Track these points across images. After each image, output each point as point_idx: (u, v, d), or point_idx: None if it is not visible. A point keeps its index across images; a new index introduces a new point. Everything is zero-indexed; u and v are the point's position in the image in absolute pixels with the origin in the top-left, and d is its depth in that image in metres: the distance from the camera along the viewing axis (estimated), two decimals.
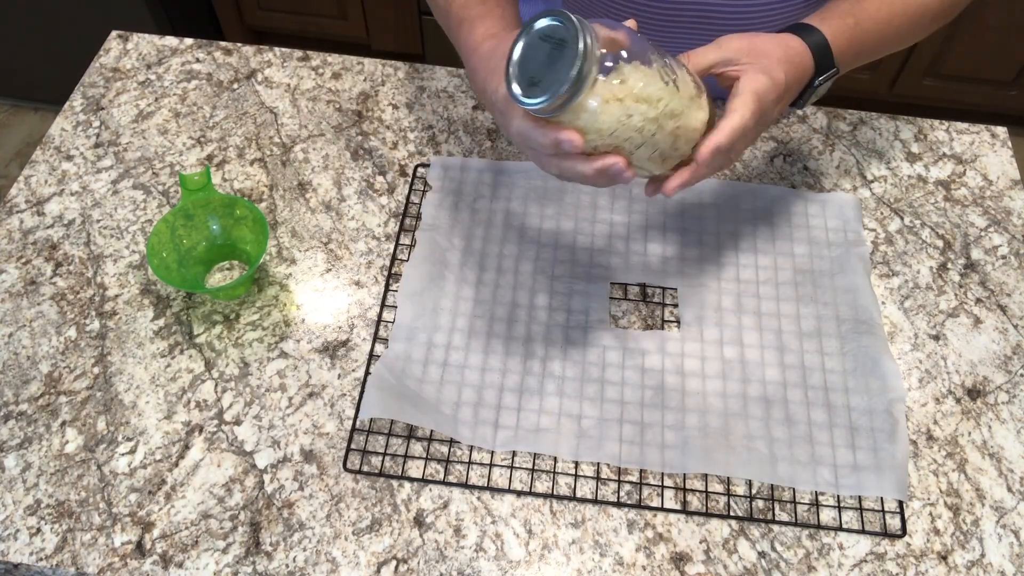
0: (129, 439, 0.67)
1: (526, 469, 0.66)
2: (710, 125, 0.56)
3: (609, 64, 0.50)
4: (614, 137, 0.52)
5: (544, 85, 0.49)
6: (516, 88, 0.51)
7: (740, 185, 0.81)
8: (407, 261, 0.75)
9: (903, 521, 0.64)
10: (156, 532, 0.62)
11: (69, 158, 0.84)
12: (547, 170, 0.55)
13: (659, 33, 0.76)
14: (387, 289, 0.75)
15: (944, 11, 0.70)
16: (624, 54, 0.50)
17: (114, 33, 0.95)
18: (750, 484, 0.65)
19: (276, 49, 0.93)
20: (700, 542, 0.63)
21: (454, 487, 0.65)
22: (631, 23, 0.54)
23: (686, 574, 0.61)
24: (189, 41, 0.94)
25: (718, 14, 0.72)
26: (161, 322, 0.73)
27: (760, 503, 0.64)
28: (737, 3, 0.71)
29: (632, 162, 0.54)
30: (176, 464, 0.66)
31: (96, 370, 0.70)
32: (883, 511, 0.64)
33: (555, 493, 0.64)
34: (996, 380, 0.71)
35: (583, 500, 0.64)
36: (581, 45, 0.48)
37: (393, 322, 0.72)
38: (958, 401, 0.70)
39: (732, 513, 0.64)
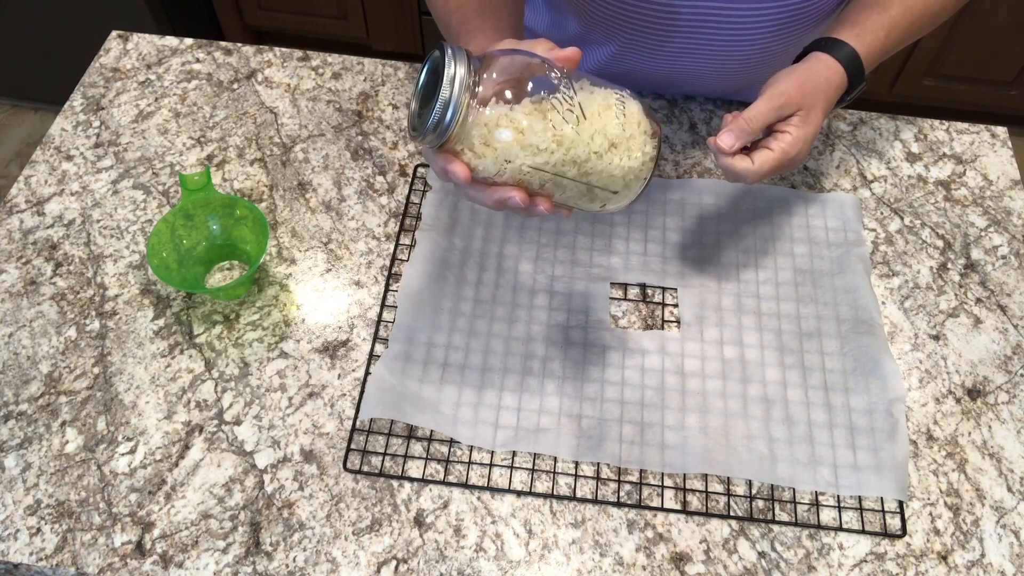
0: (129, 439, 0.67)
1: (526, 469, 0.66)
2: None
3: (488, 111, 0.48)
4: (504, 178, 0.50)
5: (421, 123, 0.49)
6: (409, 122, 0.51)
7: (740, 185, 0.81)
8: (407, 261, 0.75)
9: (903, 521, 0.64)
10: (156, 532, 0.62)
11: (69, 158, 0.84)
12: (462, 195, 0.55)
13: (656, 39, 0.76)
14: (387, 289, 0.75)
15: (959, 2, 0.71)
16: (509, 95, 0.49)
17: (114, 33, 0.95)
18: (750, 484, 0.65)
19: (276, 49, 0.93)
20: (700, 542, 0.63)
21: (454, 487, 0.65)
22: (568, 52, 0.52)
23: (686, 574, 0.61)
24: (189, 41, 0.94)
25: (715, 18, 0.72)
26: (161, 322, 0.73)
27: (760, 503, 0.64)
28: (734, 7, 0.71)
29: (554, 199, 0.53)
30: (176, 464, 0.66)
31: (96, 370, 0.70)
32: (883, 511, 0.64)
33: (555, 493, 0.65)
34: (996, 380, 0.71)
35: (583, 500, 0.64)
36: (445, 93, 0.47)
37: (393, 322, 0.72)
38: (958, 401, 0.70)
39: (732, 513, 0.64)
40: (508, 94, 0.49)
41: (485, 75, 0.49)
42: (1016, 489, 0.66)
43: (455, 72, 0.47)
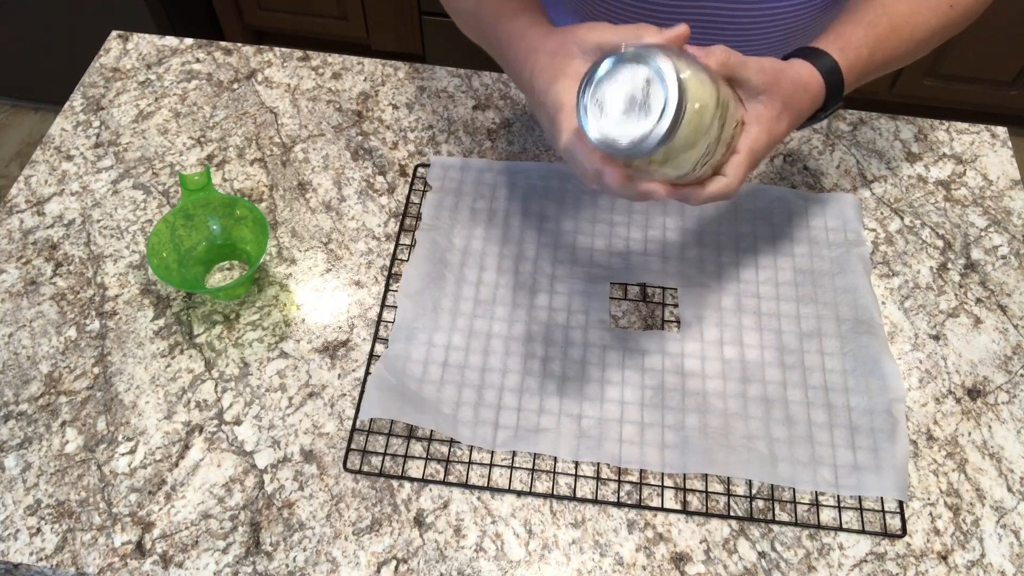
0: (129, 439, 0.67)
1: (526, 469, 0.66)
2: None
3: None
4: (680, 173, 0.50)
5: (620, 126, 0.46)
6: (593, 127, 0.48)
7: None
8: (407, 261, 0.75)
9: (903, 521, 0.64)
10: (156, 532, 0.63)
11: (69, 158, 0.84)
12: (586, 183, 0.54)
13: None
14: (387, 289, 0.75)
15: (945, 34, 0.69)
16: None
17: (114, 33, 0.95)
18: (750, 484, 0.65)
19: (276, 49, 0.93)
20: (700, 542, 0.63)
21: (454, 487, 0.65)
22: (680, 30, 0.51)
23: (686, 574, 0.61)
24: (189, 41, 0.94)
25: (721, 15, 0.72)
26: (161, 322, 0.73)
27: (760, 503, 0.64)
28: (736, 6, 0.71)
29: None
30: (176, 464, 0.66)
31: (96, 370, 0.70)
32: (883, 511, 0.64)
33: (555, 493, 0.64)
34: (996, 380, 0.71)
35: (583, 500, 0.64)
36: (675, 95, 0.44)
37: (393, 322, 0.72)
38: (958, 401, 0.70)
39: (732, 513, 0.64)
40: None
41: None
42: (1016, 489, 0.66)
43: (682, 93, 0.45)
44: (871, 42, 0.64)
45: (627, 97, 0.47)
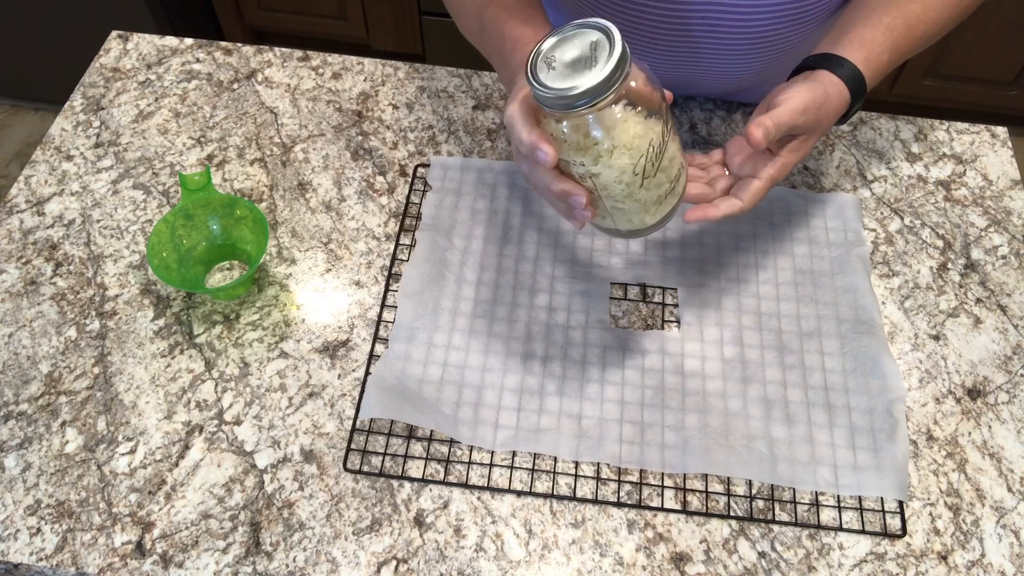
0: (129, 439, 0.67)
1: (526, 469, 0.66)
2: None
3: (620, 108, 0.49)
4: (575, 172, 0.52)
5: (567, 78, 0.49)
6: (536, 71, 0.50)
7: None
8: (407, 261, 0.75)
9: (903, 521, 0.64)
10: (156, 532, 0.63)
11: (69, 158, 0.84)
12: (519, 165, 0.56)
13: (664, 40, 0.75)
14: (387, 289, 0.75)
15: (952, 25, 0.71)
16: (634, 104, 0.50)
17: (114, 33, 0.95)
18: (750, 484, 0.65)
19: (276, 49, 0.93)
20: (700, 542, 0.63)
21: (454, 487, 0.65)
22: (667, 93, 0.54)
23: (686, 574, 0.61)
24: (189, 41, 0.94)
25: (724, 17, 0.72)
26: (161, 322, 0.73)
27: (760, 503, 0.64)
28: (746, 7, 0.70)
29: (600, 204, 0.54)
30: (176, 464, 0.66)
31: (96, 370, 0.70)
32: (883, 511, 0.64)
33: (555, 493, 0.65)
34: (996, 380, 0.71)
35: (583, 500, 0.64)
36: (619, 49, 0.47)
37: (393, 322, 0.72)
38: (958, 401, 0.70)
39: (732, 513, 0.64)
40: (633, 103, 0.50)
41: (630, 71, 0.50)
42: (1016, 489, 0.66)
43: (624, 53, 0.48)
44: (890, 47, 0.66)
45: (575, 57, 0.49)
